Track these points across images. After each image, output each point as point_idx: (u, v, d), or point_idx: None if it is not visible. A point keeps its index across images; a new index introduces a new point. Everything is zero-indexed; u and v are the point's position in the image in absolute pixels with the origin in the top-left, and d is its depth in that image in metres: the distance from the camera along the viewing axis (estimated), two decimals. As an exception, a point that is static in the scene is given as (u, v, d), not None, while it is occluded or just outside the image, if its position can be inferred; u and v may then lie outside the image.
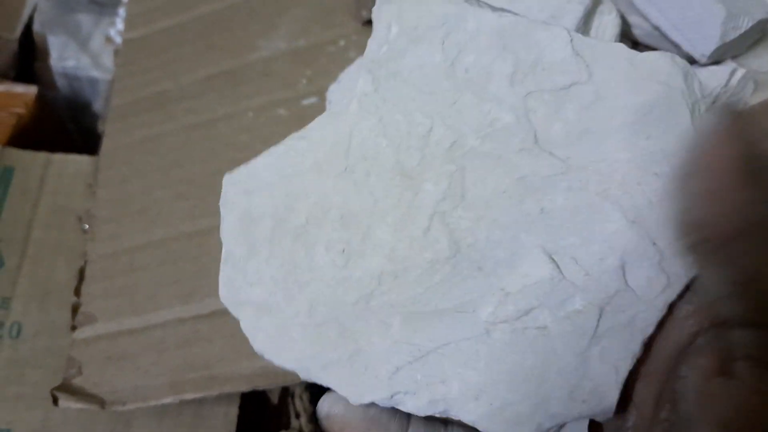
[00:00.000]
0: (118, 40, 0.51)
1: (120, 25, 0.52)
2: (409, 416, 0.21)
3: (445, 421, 0.21)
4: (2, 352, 0.38)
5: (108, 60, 0.52)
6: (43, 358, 0.38)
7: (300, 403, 0.38)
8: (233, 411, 0.35)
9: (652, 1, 0.35)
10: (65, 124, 0.53)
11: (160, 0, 0.50)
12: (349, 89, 0.35)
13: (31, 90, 0.48)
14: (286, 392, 0.39)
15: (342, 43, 0.43)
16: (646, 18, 0.36)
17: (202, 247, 0.37)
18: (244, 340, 0.34)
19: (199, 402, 0.34)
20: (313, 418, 0.38)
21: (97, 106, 0.54)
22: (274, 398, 0.38)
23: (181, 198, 0.39)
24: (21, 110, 0.47)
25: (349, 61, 0.42)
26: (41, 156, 0.44)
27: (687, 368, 0.18)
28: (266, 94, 0.42)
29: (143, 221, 0.39)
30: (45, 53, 0.56)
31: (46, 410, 0.36)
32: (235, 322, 0.34)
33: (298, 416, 0.38)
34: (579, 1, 0.30)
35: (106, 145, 0.43)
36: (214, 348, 0.34)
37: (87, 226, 0.41)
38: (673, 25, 0.35)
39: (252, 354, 0.33)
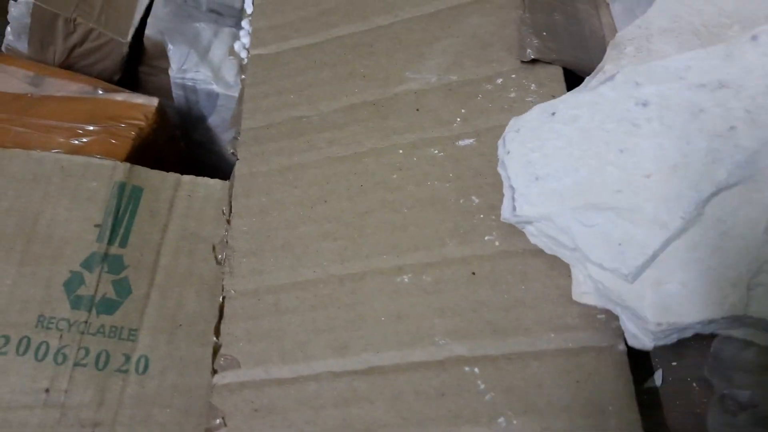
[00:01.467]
0: (243, 54, 0.49)
1: (245, 38, 0.50)
2: None
3: None
4: (128, 389, 0.36)
5: (228, 74, 0.50)
6: (171, 397, 0.36)
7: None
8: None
9: None
10: (177, 138, 0.51)
11: (291, 15, 0.48)
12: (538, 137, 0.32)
13: (153, 101, 0.46)
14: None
15: (499, 81, 0.40)
16: None
17: (356, 294, 0.35)
18: (410, 405, 0.31)
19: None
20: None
21: (212, 120, 0.52)
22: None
23: (329, 237, 0.37)
24: (141, 122, 0.45)
25: (509, 102, 0.39)
26: (171, 177, 0.41)
27: None
28: (417, 131, 0.40)
29: (287, 258, 0.37)
30: (154, 61, 0.54)
31: (176, 456, 0.34)
32: (398, 383, 0.32)
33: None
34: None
35: (240, 170, 0.41)
36: (376, 411, 0.31)
37: (221, 257, 0.38)
38: None
39: (421, 421, 0.31)
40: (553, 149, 0.32)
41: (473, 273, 0.34)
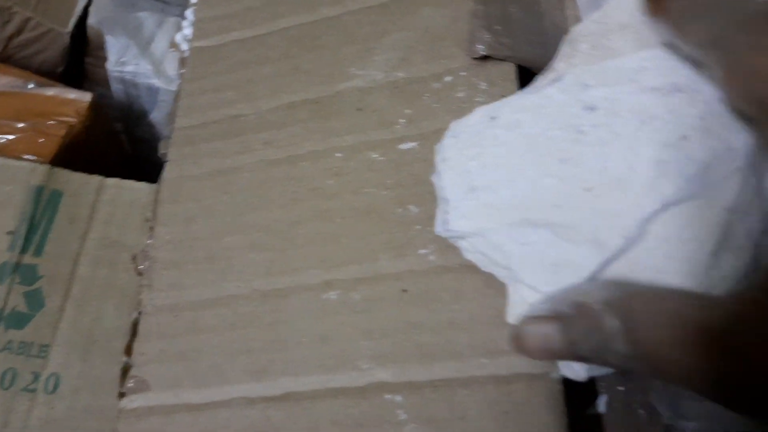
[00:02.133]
0: (185, 47, 0.46)
1: (188, 29, 0.47)
2: None
3: None
4: (35, 410, 0.33)
5: (171, 68, 0.47)
6: (83, 420, 0.33)
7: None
8: None
9: None
10: (118, 135, 0.48)
11: (237, 5, 0.45)
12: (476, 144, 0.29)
13: (86, 97, 0.43)
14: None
15: (448, 79, 0.37)
16: None
17: (279, 312, 0.32)
18: (326, 438, 0.29)
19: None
20: None
21: (154, 115, 0.49)
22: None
23: (256, 248, 0.34)
24: (72, 119, 0.42)
25: (457, 102, 0.36)
26: (94, 180, 0.38)
27: None
28: (359, 133, 0.36)
29: (210, 271, 0.34)
30: (99, 52, 0.51)
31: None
32: (315, 411, 0.29)
33: None
34: None
35: (169, 173, 0.38)
36: (289, 443, 0.29)
37: (142, 268, 0.35)
38: None
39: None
40: (492, 158, 0.29)
41: (404, 290, 0.31)
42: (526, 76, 0.37)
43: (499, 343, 0.28)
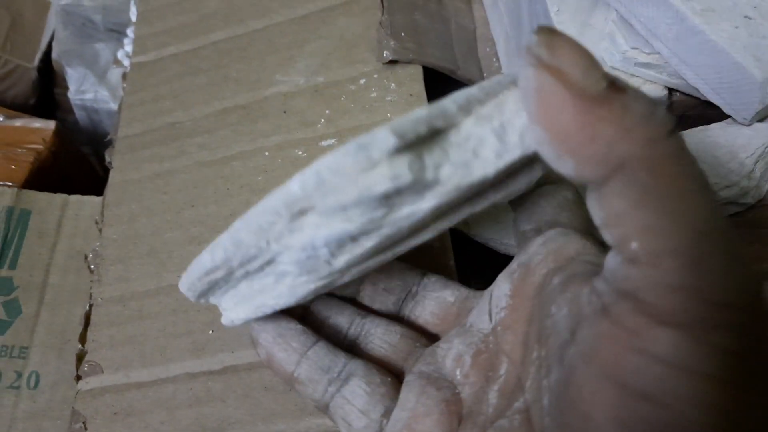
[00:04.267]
0: (127, 62, 0.49)
1: (129, 46, 0.50)
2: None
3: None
4: (21, 404, 0.37)
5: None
6: (61, 410, 0.37)
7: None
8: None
9: (688, 63, 0.34)
10: (86, 158, 0.52)
11: (173, 21, 0.48)
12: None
13: (50, 125, 0.47)
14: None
15: (362, 81, 0.41)
16: (682, 78, 0.35)
17: (215, 296, 0.36)
18: (259, 401, 0.33)
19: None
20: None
21: (117, 137, 0.53)
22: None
23: (194, 241, 0.38)
24: (39, 146, 0.46)
25: (370, 102, 0.40)
26: (58, 198, 0.43)
27: (556, 307, 0.19)
28: (284, 133, 0.41)
29: (153, 264, 0.38)
30: (63, 82, 0.54)
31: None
32: (250, 381, 0.33)
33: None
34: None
35: (114, 179, 0.42)
36: (227, 409, 0.33)
37: (93, 266, 0.39)
38: (712, 89, 0.34)
39: (268, 416, 0.32)
40: None
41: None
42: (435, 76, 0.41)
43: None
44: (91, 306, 0.37)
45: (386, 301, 0.29)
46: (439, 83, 0.43)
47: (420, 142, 0.19)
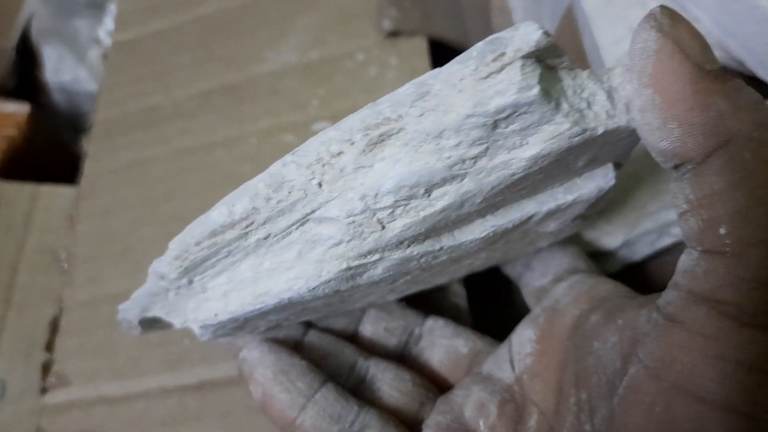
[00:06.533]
0: (108, 42, 0.46)
1: (110, 24, 0.46)
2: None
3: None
4: (-13, 415, 0.34)
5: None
6: (29, 420, 0.33)
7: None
8: None
9: (732, 33, 0.29)
10: (65, 144, 0.48)
11: (156, -4, 0.44)
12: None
13: (23, 109, 0.43)
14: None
15: (360, 57, 0.37)
16: (726, 50, 0.30)
17: (194, 301, 0.32)
18: (240, 422, 0.29)
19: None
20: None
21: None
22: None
23: (172, 238, 0.34)
24: (12, 132, 0.42)
25: (369, 80, 0.36)
26: (27, 188, 0.38)
27: (600, 341, 0.18)
28: (273, 116, 0.36)
29: (127, 263, 0.34)
30: (41, 64, 0.50)
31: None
32: (230, 398, 0.30)
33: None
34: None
35: (89, 168, 0.38)
36: (204, 429, 0.29)
37: (65, 265, 0.36)
38: (759, 62, 0.29)
39: (248, 442, 0.28)
40: None
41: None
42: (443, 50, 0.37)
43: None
44: (61, 310, 0.34)
45: (387, 343, 0.26)
46: (448, 60, 0.38)
47: (546, 68, 0.16)
